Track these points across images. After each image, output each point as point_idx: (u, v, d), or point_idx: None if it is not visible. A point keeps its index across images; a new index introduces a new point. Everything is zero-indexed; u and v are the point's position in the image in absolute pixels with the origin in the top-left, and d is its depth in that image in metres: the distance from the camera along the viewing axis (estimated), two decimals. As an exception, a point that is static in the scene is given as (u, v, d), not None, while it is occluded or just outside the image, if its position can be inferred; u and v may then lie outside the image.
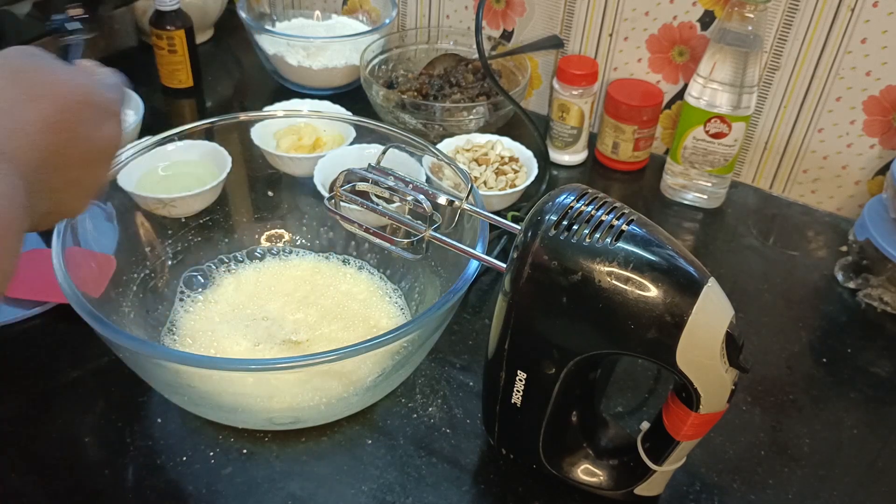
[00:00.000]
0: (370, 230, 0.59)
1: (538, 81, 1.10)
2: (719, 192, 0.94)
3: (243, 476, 0.62)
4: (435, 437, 0.66)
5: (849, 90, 0.89)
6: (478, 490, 0.62)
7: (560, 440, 0.59)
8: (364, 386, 0.63)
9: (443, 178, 0.78)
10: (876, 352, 0.76)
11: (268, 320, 0.73)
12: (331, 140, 0.87)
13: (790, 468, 0.65)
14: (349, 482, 0.62)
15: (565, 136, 1.00)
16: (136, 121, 0.91)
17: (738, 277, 0.85)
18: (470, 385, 0.70)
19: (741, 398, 0.70)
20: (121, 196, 0.72)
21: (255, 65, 1.14)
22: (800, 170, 0.97)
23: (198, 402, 0.62)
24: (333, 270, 0.79)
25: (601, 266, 0.48)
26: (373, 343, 0.55)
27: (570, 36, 1.04)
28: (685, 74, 0.99)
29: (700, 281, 0.48)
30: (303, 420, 0.64)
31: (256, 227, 0.82)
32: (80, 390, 0.68)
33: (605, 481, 0.60)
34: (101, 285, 0.66)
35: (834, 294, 0.83)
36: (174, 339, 0.71)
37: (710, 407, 0.51)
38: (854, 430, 0.69)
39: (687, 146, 0.91)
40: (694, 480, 0.64)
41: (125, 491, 0.61)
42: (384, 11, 1.15)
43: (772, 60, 0.92)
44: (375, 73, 1.07)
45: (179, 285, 0.76)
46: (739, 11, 0.82)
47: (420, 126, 0.98)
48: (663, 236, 0.50)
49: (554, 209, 0.51)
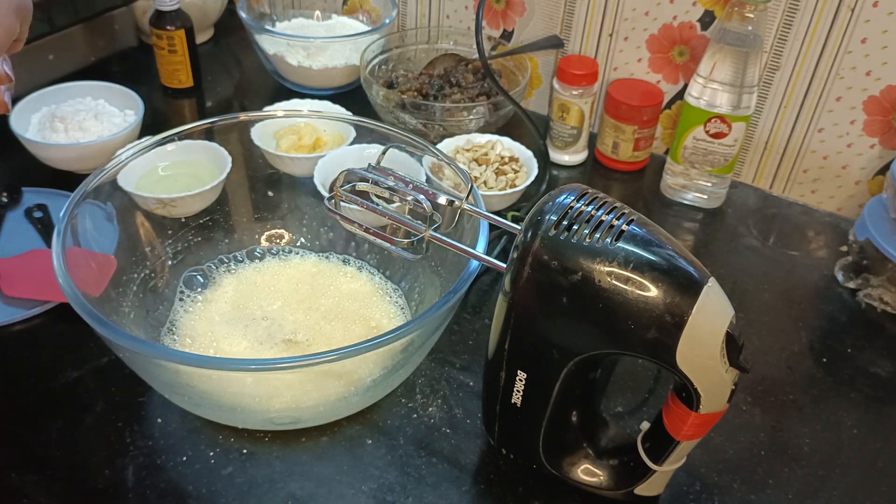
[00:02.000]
0: (370, 230, 0.59)
1: (538, 81, 1.10)
2: (719, 192, 0.94)
3: (243, 476, 0.62)
4: (435, 437, 0.66)
5: (849, 90, 0.89)
6: (478, 490, 0.62)
7: (560, 440, 0.59)
8: (364, 386, 0.63)
9: (443, 178, 0.78)
10: (876, 352, 0.76)
11: (268, 320, 0.73)
12: (331, 140, 0.87)
13: (790, 468, 0.65)
14: (349, 482, 0.62)
15: (565, 136, 1.00)
16: (137, 121, 0.91)
17: (738, 277, 0.85)
18: (470, 385, 0.70)
19: (741, 398, 0.70)
20: (121, 196, 0.72)
21: (255, 65, 1.14)
22: (800, 170, 0.97)
23: (198, 402, 0.62)
24: (333, 270, 0.80)
25: (601, 266, 0.48)
26: (373, 343, 0.55)
27: (570, 36, 1.04)
28: (685, 74, 0.99)
29: (700, 281, 0.48)
30: (303, 420, 0.64)
31: (256, 227, 0.82)
32: (80, 390, 0.68)
33: (605, 481, 0.60)
34: (101, 285, 0.66)
35: (834, 294, 0.83)
36: (174, 339, 0.71)
37: (710, 407, 0.51)
38: (854, 430, 0.69)
39: (687, 146, 0.91)
40: (694, 480, 0.64)
41: (125, 491, 0.61)
42: (384, 11, 1.16)
43: (772, 60, 0.92)
44: (375, 73, 1.07)
45: (179, 285, 0.76)
46: (739, 11, 0.82)
47: (420, 126, 0.98)
48: (663, 236, 0.50)
49: (554, 209, 0.51)
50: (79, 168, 0.89)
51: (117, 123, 0.92)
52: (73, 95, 0.96)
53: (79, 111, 0.93)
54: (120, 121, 0.93)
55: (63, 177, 0.88)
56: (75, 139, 0.89)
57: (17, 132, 0.88)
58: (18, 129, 0.88)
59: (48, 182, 0.88)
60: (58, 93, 0.95)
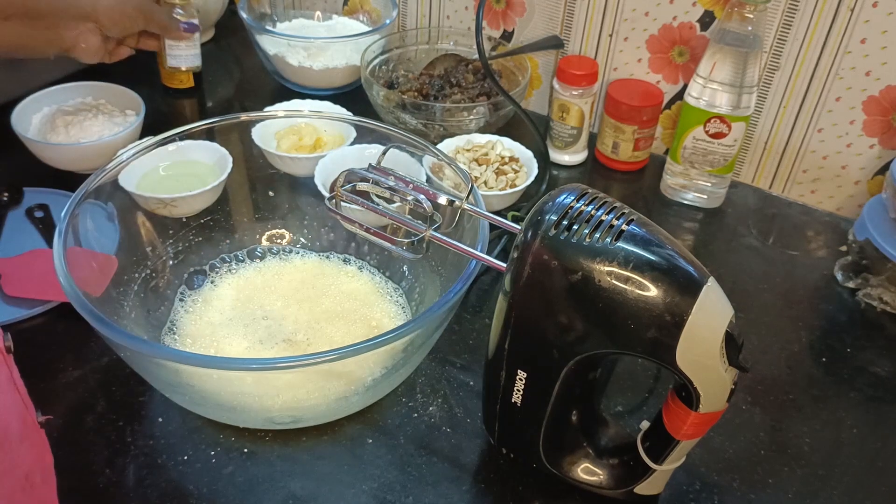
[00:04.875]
0: (371, 230, 0.59)
1: (538, 81, 1.11)
2: (719, 192, 0.94)
3: (244, 475, 0.62)
4: (435, 437, 0.66)
5: (848, 90, 0.89)
6: (478, 489, 0.62)
7: (560, 439, 0.59)
8: (364, 385, 0.63)
9: (443, 178, 0.78)
10: (875, 351, 0.77)
11: (268, 320, 0.73)
12: (331, 140, 0.87)
13: (790, 467, 0.65)
14: (350, 481, 0.62)
15: (565, 136, 1.00)
16: (138, 121, 0.91)
17: (737, 277, 0.85)
18: (470, 384, 0.70)
19: (741, 398, 0.70)
20: (122, 196, 0.72)
21: (255, 65, 1.15)
22: (799, 170, 0.97)
23: (198, 401, 0.62)
24: (334, 270, 0.80)
25: (601, 266, 0.48)
26: (373, 343, 0.55)
27: (570, 36, 1.04)
28: (685, 74, 0.99)
29: (700, 280, 0.48)
30: (303, 419, 0.64)
31: (257, 226, 0.82)
32: (80, 389, 0.68)
33: (605, 480, 0.60)
34: (102, 285, 0.66)
35: (833, 294, 0.83)
36: (175, 339, 0.71)
37: (710, 406, 0.51)
38: (854, 430, 0.69)
39: (687, 146, 0.91)
40: (694, 480, 0.64)
41: (126, 490, 0.61)
42: (385, 12, 1.16)
43: (771, 60, 0.92)
44: (376, 74, 1.07)
45: (180, 285, 0.76)
46: (739, 12, 0.82)
47: (420, 126, 0.98)
48: (663, 236, 0.50)
49: (554, 209, 0.51)
50: (80, 168, 0.89)
51: (118, 123, 0.92)
52: (75, 95, 0.96)
53: (80, 111, 0.93)
54: (121, 121, 0.93)
55: (64, 177, 0.88)
56: (77, 139, 0.89)
57: (18, 132, 0.88)
58: (20, 129, 0.88)
59: (49, 182, 0.88)
60: (59, 93, 0.95)
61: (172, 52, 0.98)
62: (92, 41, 0.81)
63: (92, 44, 0.82)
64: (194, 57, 0.99)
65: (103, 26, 0.81)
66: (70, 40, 0.80)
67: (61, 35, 0.79)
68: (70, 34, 0.79)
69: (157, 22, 0.87)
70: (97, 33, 0.81)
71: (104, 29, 0.82)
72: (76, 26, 0.79)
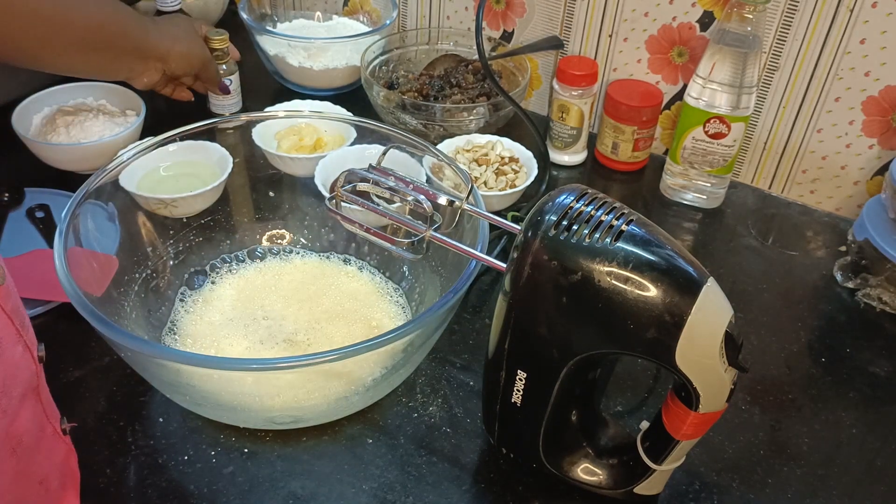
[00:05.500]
0: (371, 230, 0.59)
1: (538, 82, 1.11)
2: (718, 193, 0.95)
3: (244, 475, 0.62)
4: (435, 437, 0.66)
5: (848, 91, 0.90)
6: (478, 489, 0.63)
7: (560, 439, 0.59)
8: (364, 385, 0.63)
9: (443, 178, 0.78)
10: (875, 351, 0.77)
11: (268, 320, 0.73)
12: (332, 140, 0.87)
13: (789, 467, 0.65)
14: (350, 481, 0.62)
15: (565, 137, 1.00)
16: (138, 121, 0.92)
17: (737, 277, 0.85)
18: (470, 384, 0.70)
19: (740, 398, 0.71)
20: (122, 196, 0.72)
21: (256, 65, 1.15)
22: (799, 170, 0.97)
23: (199, 401, 0.62)
24: (334, 270, 0.80)
25: (601, 266, 0.48)
26: (373, 343, 0.55)
27: (569, 37, 1.04)
28: (684, 75, 0.99)
29: (699, 281, 0.48)
30: (303, 419, 0.64)
31: (258, 227, 0.82)
32: (81, 389, 0.68)
33: (604, 480, 0.60)
34: (103, 285, 0.66)
35: (833, 294, 0.83)
36: (175, 339, 0.71)
37: (710, 406, 0.52)
38: (853, 430, 0.69)
39: (686, 146, 0.91)
40: (693, 479, 0.64)
41: (127, 490, 0.61)
42: (385, 12, 1.16)
43: (771, 61, 0.92)
44: (376, 74, 1.08)
45: (181, 285, 0.76)
46: (739, 12, 0.82)
47: (420, 127, 0.98)
48: (663, 236, 0.50)
49: (554, 209, 0.51)
50: (81, 168, 0.89)
51: (119, 124, 0.92)
52: (76, 96, 0.96)
53: (81, 111, 0.93)
54: (122, 121, 0.93)
55: (65, 177, 0.88)
56: (77, 139, 0.89)
57: (19, 132, 0.88)
58: (21, 129, 0.88)
59: (50, 182, 0.88)
60: (60, 93, 0.95)
61: (216, 100, 1.05)
62: (155, 78, 0.92)
63: (153, 80, 0.92)
64: (234, 105, 1.07)
65: (168, 68, 0.92)
66: (137, 72, 0.90)
67: (131, 67, 0.89)
68: (139, 68, 0.89)
69: (209, 74, 0.98)
70: (161, 72, 0.92)
71: (167, 70, 0.92)
72: (147, 63, 0.89)
